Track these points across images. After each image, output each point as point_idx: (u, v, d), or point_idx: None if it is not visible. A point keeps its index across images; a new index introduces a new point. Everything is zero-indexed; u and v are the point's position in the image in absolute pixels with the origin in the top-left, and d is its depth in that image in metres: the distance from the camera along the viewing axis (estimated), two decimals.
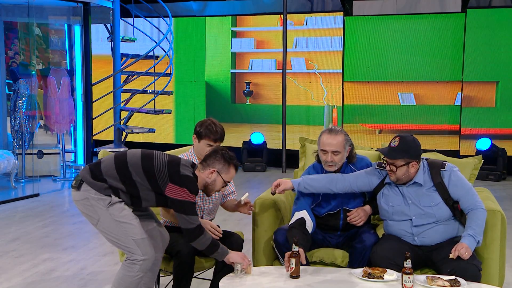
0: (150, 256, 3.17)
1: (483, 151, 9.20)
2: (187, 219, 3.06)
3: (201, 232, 3.10)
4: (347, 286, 2.95)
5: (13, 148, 8.86)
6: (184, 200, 3.06)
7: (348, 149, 3.60)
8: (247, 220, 3.91)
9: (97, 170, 3.16)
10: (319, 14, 10.59)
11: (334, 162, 3.54)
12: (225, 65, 11.06)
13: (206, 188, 3.26)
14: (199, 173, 3.22)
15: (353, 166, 3.64)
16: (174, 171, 3.08)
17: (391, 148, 3.27)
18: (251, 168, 10.30)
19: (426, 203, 3.30)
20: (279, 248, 3.46)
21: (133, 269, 3.15)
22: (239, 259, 3.14)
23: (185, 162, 3.16)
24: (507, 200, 7.65)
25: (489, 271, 3.29)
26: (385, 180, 3.43)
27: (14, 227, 6.13)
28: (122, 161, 3.15)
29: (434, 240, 3.30)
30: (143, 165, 3.12)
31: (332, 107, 10.50)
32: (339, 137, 3.54)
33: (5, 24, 9.57)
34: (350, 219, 3.50)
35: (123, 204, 3.15)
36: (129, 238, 3.13)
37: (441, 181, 3.30)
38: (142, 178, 3.11)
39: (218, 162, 3.22)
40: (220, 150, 3.27)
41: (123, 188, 3.13)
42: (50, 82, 9.05)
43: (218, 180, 3.23)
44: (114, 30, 9.51)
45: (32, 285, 4.36)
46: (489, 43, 9.54)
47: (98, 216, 3.14)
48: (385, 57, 10.14)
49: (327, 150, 3.53)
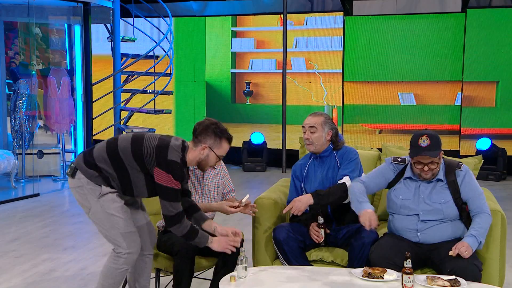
0: (135, 250, 3.21)
1: (483, 151, 9.20)
2: (168, 205, 3.08)
3: (179, 219, 3.11)
4: (347, 286, 2.95)
5: (13, 148, 8.86)
6: (168, 186, 3.06)
7: (329, 132, 3.66)
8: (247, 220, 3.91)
9: (90, 156, 3.19)
10: (319, 14, 10.59)
11: (310, 140, 3.64)
12: (225, 65, 11.06)
13: (200, 164, 3.24)
14: (192, 151, 3.20)
15: (337, 154, 3.68)
16: (161, 156, 3.08)
17: (426, 147, 3.23)
18: (251, 168, 10.30)
19: (437, 200, 3.31)
20: (279, 245, 3.46)
21: (118, 261, 3.20)
22: (220, 248, 3.19)
23: (175, 145, 3.12)
24: (507, 200, 7.65)
25: (489, 271, 3.29)
26: (405, 175, 3.42)
27: (14, 227, 6.13)
28: (113, 145, 3.17)
29: (436, 238, 3.29)
30: (132, 149, 3.13)
31: (332, 107, 10.50)
32: (318, 117, 3.69)
33: (5, 24, 9.57)
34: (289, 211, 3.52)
35: (115, 196, 3.18)
36: (116, 231, 3.17)
37: (454, 180, 3.32)
38: (131, 162, 3.12)
39: (209, 137, 3.20)
40: (211, 124, 3.23)
41: (114, 174, 3.14)
42: (50, 82, 9.05)
43: (211, 155, 3.21)
44: (114, 30, 9.51)
45: (32, 285, 4.36)
46: (489, 43, 9.54)
47: (90, 205, 3.18)
48: (385, 57, 10.14)
49: (305, 126, 3.68)
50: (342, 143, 3.73)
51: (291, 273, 3.17)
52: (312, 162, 3.75)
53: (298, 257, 3.46)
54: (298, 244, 3.48)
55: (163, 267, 3.49)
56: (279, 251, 3.48)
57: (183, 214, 3.14)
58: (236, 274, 3.06)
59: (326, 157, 3.70)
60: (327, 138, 3.67)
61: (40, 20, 9.27)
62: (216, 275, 3.47)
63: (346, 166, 3.60)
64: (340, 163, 3.65)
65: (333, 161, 3.67)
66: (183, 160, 3.13)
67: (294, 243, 3.46)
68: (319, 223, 3.47)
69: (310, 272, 3.16)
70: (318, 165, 3.71)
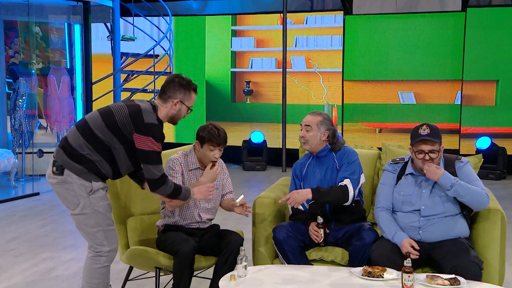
0: (115, 247, 3.27)
1: (483, 150, 9.21)
2: (152, 169, 3.11)
3: (164, 181, 3.16)
4: (347, 285, 2.95)
5: (13, 147, 8.87)
6: (150, 150, 3.09)
7: (325, 133, 3.65)
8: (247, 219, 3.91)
9: (70, 148, 3.14)
10: (319, 13, 10.59)
11: (305, 139, 3.65)
12: (225, 64, 11.06)
13: (173, 118, 3.29)
14: (162, 108, 3.24)
15: (335, 154, 3.67)
16: (138, 121, 3.08)
17: (426, 135, 3.30)
18: (251, 167, 10.30)
19: (437, 193, 3.33)
20: (279, 245, 3.47)
21: (99, 260, 3.22)
22: (201, 196, 3.31)
23: (147, 108, 3.15)
24: (507, 199, 7.65)
25: (489, 270, 3.29)
26: (406, 172, 3.46)
27: (14, 226, 6.13)
28: (86, 128, 3.14)
29: (438, 236, 3.30)
30: (105, 123, 3.12)
31: (332, 106, 10.50)
32: (316, 116, 3.69)
33: (5, 23, 9.57)
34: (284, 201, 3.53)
35: (105, 193, 3.21)
36: (99, 228, 3.19)
37: (454, 171, 3.35)
38: (109, 135, 3.11)
39: (178, 91, 3.24)
40: (175, 78, 3.28)
41: (99, 157, 3.13)
42: (50, 81, 9.05)
43: (183, 108, 3.28)
44: (114, 29, 9.51)
45: (32, 284, 4.36)
46: (489, 42, 9.54)
47: (79, 201, 3.15)
48: (385, 56, 10.14)
49: (302, 124, 3.69)
50: (341, 143, 3.71)
51: (291, 272, 3.17)
52: (311, 162, 3.75)
53: (298, 256, 3.46)
54: (298, 244, 3.48)
55: (163, 266, 3.48)
56: (279, 251, 3.48)
57: (166, 175, 3.19)
58: (236, 273, 3.06)
59: (324, 157, 3.69)
60: (323, 138, 3.65)
61: (40, 19, 9.28)
62: (216, 274, 3.46)
63: (346, 169, 3.58)
64: (340, 165, 3.64)
65: (332, 162, 3.66)
66: (159, 120, 3.16)
67: (294, 243, 3.46)
68: (318, 222, 3.47)
69: (310, 272, 3.16)
70: (317, 165, 3.71)
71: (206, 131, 3.53)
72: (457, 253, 3.11)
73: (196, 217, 3.61)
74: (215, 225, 3.75)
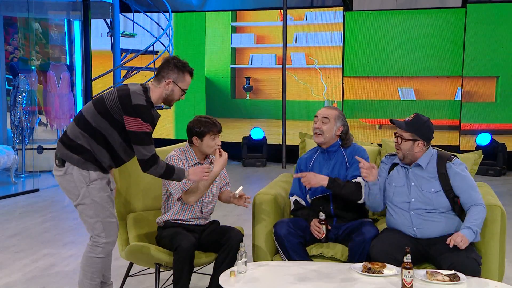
0: (112, 240, 3.30)
1: (483, 146, 9.21)
2: (141, 149, 3.14)
3: (155, 161, 3.19)
4: (347, 281, 2.95)
5: (13, 143, 8.86)
6: (139, 131, 3.12)
7: (340, 128, 3.67)
8: (247, 215, 3.92)
9: (67, 139, 3.23)
10: (319, 9, 10.58)
11: (321, 130, 3.65)
12: (225, 60, 11.05)
13: (166, 100, 3.30)
14: (155, 89, 3.26)
15: (345, 151, 3.69)
16: (127, 104, 3.12)
17: (405, 121, 3.40)
18: (251, 163, 10.30)
19: (427, 189, 3.34)
20: (279, 241, 3.47)
21: (95, 250, 3.28)
22: (196, 177, 3.31)
23: (136, 90, 3.18)
24: (507, 195, 7.65)
25: (488, 266, 3.29)
26: (394, 161, 3.52)
27: (14, 222, 6.14)
28: (81, 118, 3.22)
29: (434, 232, 3.30)
30: (97, 110, 3.18)
31: (332, 102, 10.49)
32: (334, 110, 3.72)
33: (4, 19, 9.56)
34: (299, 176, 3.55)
35: (104, 183, 3.24)
36: (97, 219, 3.24)
37: (444, 172, 3.34)
38: (101, 122, 3.17)
39: (172, 72, 3.26)
40: (171, 59, 3.30)
41: (96, 145, 3.18)
42: (50, 77, 9.04)
43: (176, 89, 3.28)
44: (114, 25, 9.50)
45: (32, 280, 4.36)
46: (489, 38, 9.53)
47: (79, 192, 3.22)
48: (385, 52, 10.13)
49: (317, 116, 3.68)
50: (351, 140, 3.74)
51: (291, 268, 3.17)
52: (319, 156, 3.75)
53: (299, 252, 3.47)
54: (299, 240, 3.48)
55: (163, 263, 3.49)
56: (280, 247, 3.49)
57: (157, 156, 3.21)
58: (236, 269, 3.06)
59: (333, 153, 3.70)
60: (337, 133, 3.67)
61: (39, 15, 9.26)
62: (216, 270, 3.47)
63: (358, 167, 3.53)
64: (350, 163, 3.64)
65: (341, 158, 3.67)
66: (148, 101, 3.18)
67: (294, 239, 3.46)
68: (320, 219, 3.47)
69: (310, 268, 3.17)
70: (325, 160, 3.71)
71: (201, 124, 3.55)
72: (456, 250, 3.11)
73: (197, 213, 3.61)
74: (215, 221, 3.76)
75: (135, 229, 3.76)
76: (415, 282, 2.84)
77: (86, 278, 3.32)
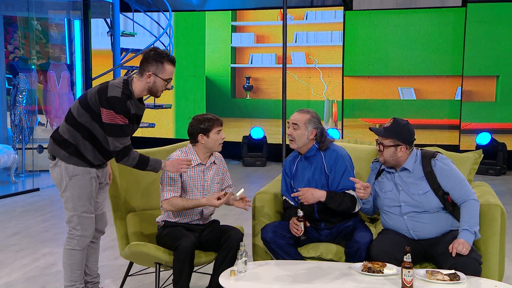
0: (87, 234, 3.44)
1: (483, 145, 9.20)
2: (114, 141, 3.23)
3: (127, 153, 3.26)
4: (347, 280, 2.95)
5: (13, 143, 8.86)
6: (112, 123, 3.20)
7: (312, 131, 3.55)
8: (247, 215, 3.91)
9: (57, 134, 3.40)
10: (319, 8, 10.58)
11: (292, 136, 3.57)
12: (225, 60, 11.05)
13: (151, 91, 3.37)
14: (138, 82, 3.33)
15: (324, 154, 3.57)
16: (103, 96, 3.23)
17: (384, 128, 3.37)
18: (251, 162, 10.30)
19: (415, 191, 3.32)
20: (267, 245, 3.48)
21: (71, 242, 3.44)
22: (173, 169, 3.36)
23: (115, 82, 3.29)
24: (507, 195, 7.65)
25: (489, 265, 3.29)
26: (381, 167, 3.49)
27: (14, 222, 6.14)
28: (69, 114, 3.39)
29: (430, 232, 3.30)
30: (80, 104, 3.35)
31: (332, 101, 10.49)
32: (304, 115, 3.58)
33: (4, 19, 9.55)
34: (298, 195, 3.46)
35: (89, 179, 3.36)
36: (75, 212, 3.37)
37: (430, 170, 3.32)
38: (83, 115, 3.30)
39: (151, 64, 3.30)
40: (149, 51, 3.34)
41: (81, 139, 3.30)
42: (50, 76, 9.04)
43: (158, 80, 3.32)
44: (114, 24, 9.50)
45: (33, 279, 4.36)
46: (489, 38, 9.52)
47: (64, 184, 3.36)
48: (385, 51, 10.12)
49: (289, 122, 3.61)
50: (329, 141, 3.61)
51: (291, 267, 3.17)
52: (300, 161, 3.67)
53: (288, 252, 3.46)
54: (286, 241, 3.46)
55: (163, 262, 3.49)
56: (269, 250, 3.49)
57: (130, 148, 3.28)
58: (236, 269, 3.07)
59: (312, 157, 3.60)
60: (310, 137, 3.56)
61: (39, 14, 9.26)
62: (216, 270, 3.47)
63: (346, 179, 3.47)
64: (329, 169, 3.53)
65: (320, 163, 3.57)
66: (125, 93, 3.24)
67: (281, 241, 3.45)
68: (298, 216, 3.43)
69: (310, 267, 3.17)
70: (305, 166, 3.63)
71: (206, 120, 3.58)
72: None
73: (198, 215, 3.61)
74: (215, 220, 3.76)
75: (135, 228, 3.77)
76: (415, 282, 2.85)
77: (66, 270, 3.47)
